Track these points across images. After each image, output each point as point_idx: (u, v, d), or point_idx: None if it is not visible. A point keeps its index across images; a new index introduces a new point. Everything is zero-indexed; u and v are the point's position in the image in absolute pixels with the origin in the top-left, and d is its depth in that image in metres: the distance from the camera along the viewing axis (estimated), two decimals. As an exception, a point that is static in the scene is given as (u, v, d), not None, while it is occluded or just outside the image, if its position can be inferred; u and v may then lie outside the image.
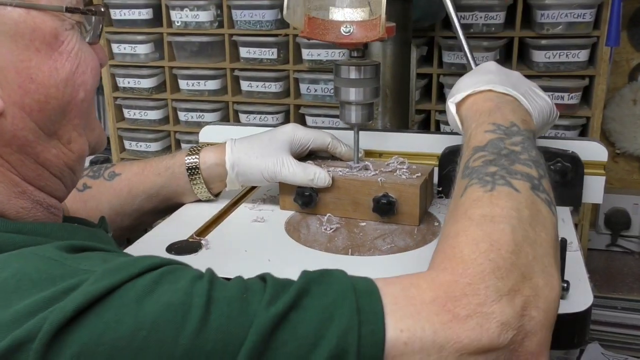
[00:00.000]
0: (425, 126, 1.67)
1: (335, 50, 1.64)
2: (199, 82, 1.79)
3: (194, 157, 0.97)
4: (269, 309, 0.50)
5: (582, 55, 1.52)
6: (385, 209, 0.91)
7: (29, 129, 0.59)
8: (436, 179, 1.00)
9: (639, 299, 1.59)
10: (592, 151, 0.98)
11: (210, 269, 0.55)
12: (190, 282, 0.52)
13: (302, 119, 1.74)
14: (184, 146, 1.86)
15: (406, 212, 0.91)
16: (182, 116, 1.85)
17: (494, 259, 0.55)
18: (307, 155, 1.01)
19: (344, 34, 0.88)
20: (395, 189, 0.91)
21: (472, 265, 0.54)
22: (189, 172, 0.96)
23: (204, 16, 1.73)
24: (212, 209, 0.99)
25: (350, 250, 0.86)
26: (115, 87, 1.89)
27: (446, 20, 1.52)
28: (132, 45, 1.81)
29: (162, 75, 1.84)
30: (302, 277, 0.54)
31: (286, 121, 1.76)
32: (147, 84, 1.84)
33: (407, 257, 0.84)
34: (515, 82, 0.83)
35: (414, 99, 1.44)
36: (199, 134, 1.17)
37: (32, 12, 0.57)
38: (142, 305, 0.49)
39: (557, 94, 1.53)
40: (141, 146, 1.90)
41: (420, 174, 0.94)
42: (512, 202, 0.61)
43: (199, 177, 0.97)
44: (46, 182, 0.63)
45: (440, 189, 1.01)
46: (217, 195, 1.02)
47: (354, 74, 0.94)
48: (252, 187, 1.09)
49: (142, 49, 1.81)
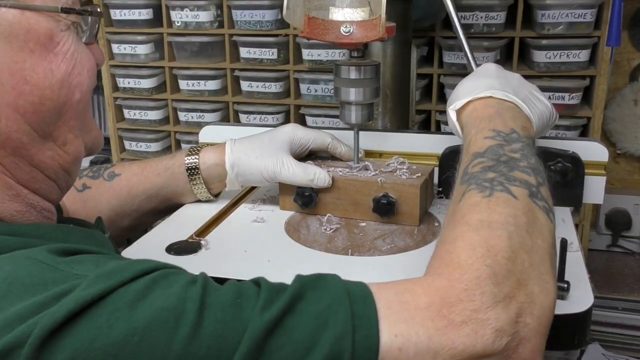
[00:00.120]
0: (425, 126, 1.66)
1: (335, 50, 1.63)
2: (199, 82, 1.79)
3: (193, 157, 0.96)
4: (263, 314, 0.50)
5: (583, 55, 1.51)
6: (385, 209, 0.91)
7: (23, 131, 0.58)
8: (436, 179, 1.00)
9: (639, 300, 1.59)
10: (593, 151, 0.97)
11: (203, 274, 0.54)
12: (183, 287, 0.51)
13: (302, 119, 1.74)
14: (184, 146, 1.86)
15: (406, 212, 0.91)
16: (182, 116, 1.85)
17: (490, 265, 0.55)
18: (307, 155, 1.01)
19: (344, 34, 0.88)
20: (395, 189, 0.91)
21: (468, 270, 0.54)
22: (189, 172, 0.96)
23: (204, 16, 1.73)
24: (211, 210, 0.99)
25: (350, 250, 0.85)
26: (115, 88, 1.89)
27: (446, 20, 1.52)
28: (132, 45, 1.80)
29: (162, 75, 1.84)
30: (296, 281, 0.54)
31: (286, 121, 1.76)
32: (147, 84, 1.84)
33: (407, 258, 0.83)
34: (515, 86, 0.82)
35: (414, 99, 1.44)
36: (199, 134, 1.17)
37: (26, 12, 0.56)
38: (134, 310, 0.48)
39: (557, 94, 1.52)
40: (141, 146, 1.90)
41: (420, 174, 0.94)
42: (510, 209, 0.61)
43: (199, 178, 0.97)
44: (40, 185, 0.62)
45: (440, 189, 1.01)
46: (216, 195, 1.02)
47: (354, 74, 0.94)
48: (252, 188, 1.08)
49: (142, 49, 1.80)
